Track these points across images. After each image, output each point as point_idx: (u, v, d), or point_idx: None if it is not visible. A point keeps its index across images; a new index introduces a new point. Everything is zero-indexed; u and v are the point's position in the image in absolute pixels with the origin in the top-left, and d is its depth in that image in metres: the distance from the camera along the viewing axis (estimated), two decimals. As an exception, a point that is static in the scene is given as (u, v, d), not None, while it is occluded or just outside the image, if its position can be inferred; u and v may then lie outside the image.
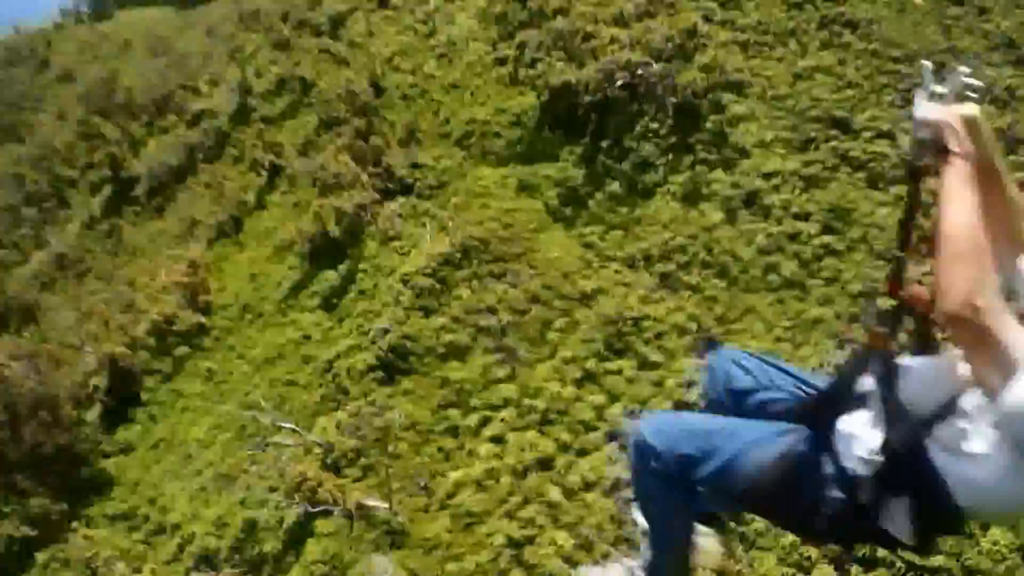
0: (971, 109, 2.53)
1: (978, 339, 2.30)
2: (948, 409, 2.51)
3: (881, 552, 4.33)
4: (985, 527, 3.49)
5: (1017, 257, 2.59)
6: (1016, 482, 2.37)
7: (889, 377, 2.69)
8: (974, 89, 2.52)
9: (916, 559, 3.51)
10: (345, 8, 15.55)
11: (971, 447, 2.45)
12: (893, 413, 2.63)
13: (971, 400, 2.42)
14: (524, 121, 10.05)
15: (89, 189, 16.91)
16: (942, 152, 2.48)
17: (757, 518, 3.83)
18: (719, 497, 3.19)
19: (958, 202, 2.39)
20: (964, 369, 2.45)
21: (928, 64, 2.63)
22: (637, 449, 3.09)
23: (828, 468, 2.72)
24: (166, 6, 31.53)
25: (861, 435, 2.69)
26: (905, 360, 2.73)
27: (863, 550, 4.00)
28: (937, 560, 4.36)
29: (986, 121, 2.59)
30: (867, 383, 2.74)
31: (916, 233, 2.65)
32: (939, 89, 2.55)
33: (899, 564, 4.34)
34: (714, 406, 3.23)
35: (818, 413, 2.83)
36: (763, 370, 3.17)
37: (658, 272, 7.61)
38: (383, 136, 10.93)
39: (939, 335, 2.70)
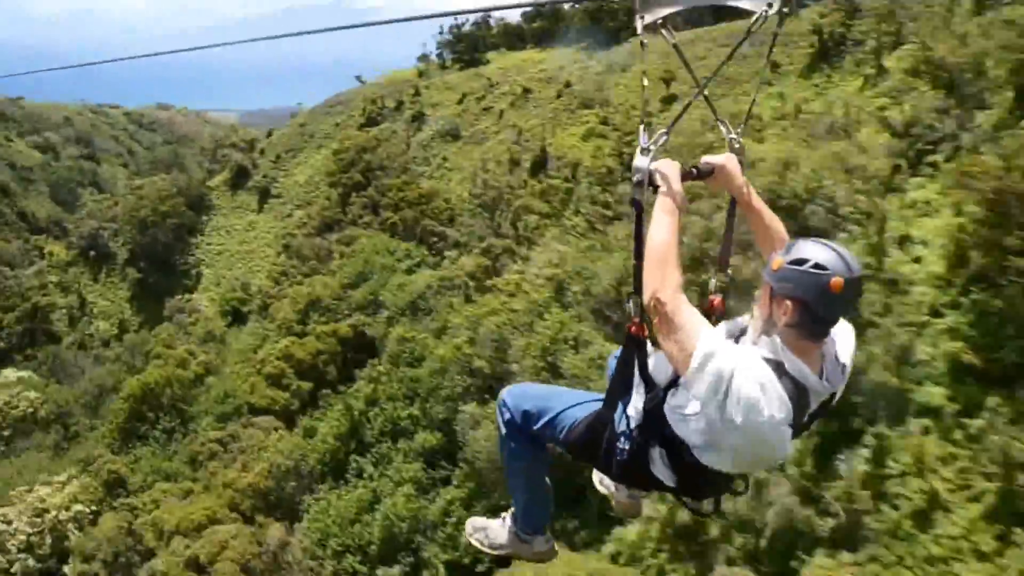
0: (666, 162, 3.78)
1: (664, 325, 3.49)
2: (675, 382, 3.77)
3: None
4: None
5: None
6: (723, 436, 3.49)
7: (643, 357, 3.94)
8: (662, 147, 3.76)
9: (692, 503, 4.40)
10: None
11: (686, 410, 3.68)
12: (645, 383, 3.93)
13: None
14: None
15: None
16: (653, 189, 3.73)
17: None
18: (551, 442, 4.51)
19: (656, 225, 3.64)
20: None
21: (640, 128, 3.66)
22: (499, 405, 4.65)
23: (619, 425, 4.02)
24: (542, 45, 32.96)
25: (633, 400, 3.99)
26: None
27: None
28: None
29: (738, 167, 4.15)
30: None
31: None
32: (648, 146, 3.72)
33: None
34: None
35: (613, 389, 4.10)
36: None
37: None
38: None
39: None
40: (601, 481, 5.17)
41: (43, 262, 68.14)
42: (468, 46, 74.43)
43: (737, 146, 4.28)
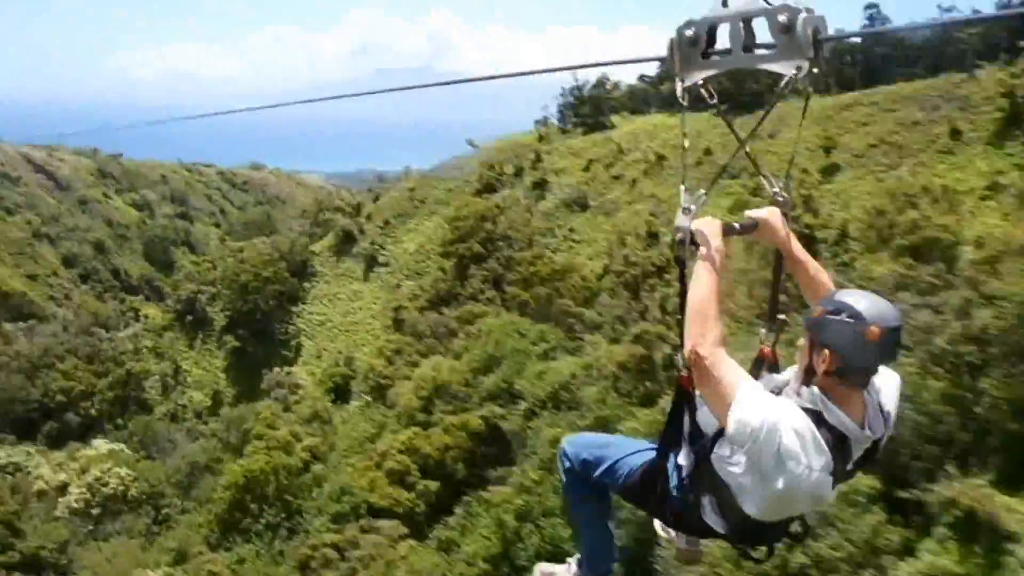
0: (707, 220, 3.93)
1: (703, 378, 3.69)
2: (721, 432, 3.76)
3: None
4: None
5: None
6: (763, 485, 3.58)
7: (693, 408, 4.07)
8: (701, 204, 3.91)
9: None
10: None
11: (730, 460, 3.72)
12: (694, 434, 4.08)
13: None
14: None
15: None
16: (694, 247, 3.87)
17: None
18: (610, 488, 4.71)
19: (696, 282, 3.80)
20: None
21: (682, 187, 3.88)
22: (560, 454, 4.95)
23: (672, 474, 4.20)
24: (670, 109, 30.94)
25: (684, 450, 4.13)
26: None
27: None
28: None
29: (782, 219, 4.29)
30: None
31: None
32: (689, 205, 3.90)
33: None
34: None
35: (665, 438, 4.24)
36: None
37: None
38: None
39: None
40: (664, 527, 4.95)
41: (138, 325, 64.73)
42: (592, 109, 70.33)
43: (781, 200, 4.35)
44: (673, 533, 4.89)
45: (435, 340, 49.84)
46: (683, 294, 3.87)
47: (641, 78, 76.47)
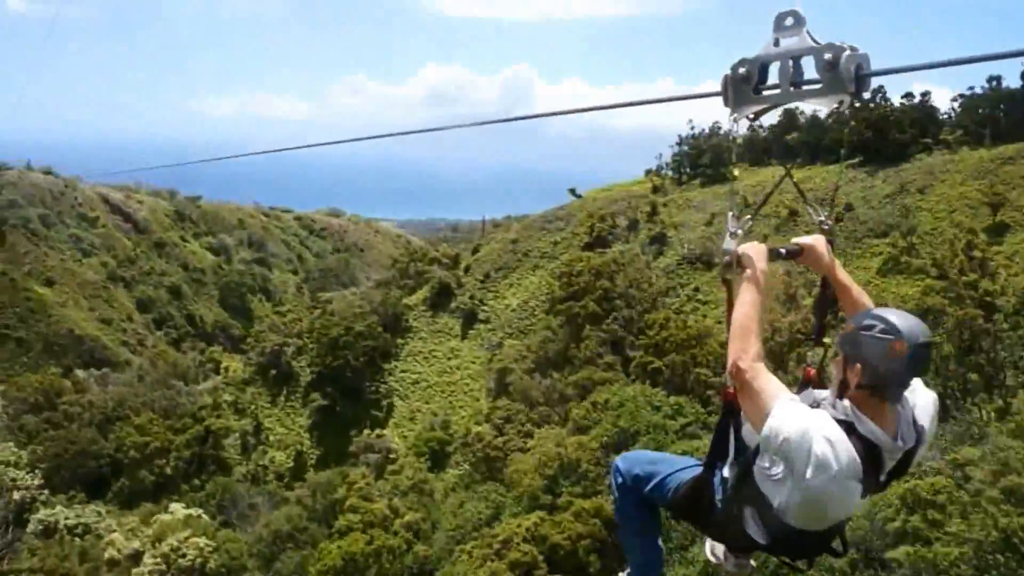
0: (753, 244, 4.17)
1: (744, 390, 3.89)
2: (762, 447, 3.89)
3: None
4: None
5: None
6: (796, 492, 3.75)
7: (738, 423, 4.24)
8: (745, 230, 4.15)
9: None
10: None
11: (769, 470, 3.89)
12: (738, 447, 4.25)
13: None
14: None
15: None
16: (739, 268, 4.10)
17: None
18: (659, 502, 4.94)
19: (740, 302, 4.01)
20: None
21: (729, 214, 4.13)
22: (613, 470, 5.22)
23: (717, 487, 4.37)
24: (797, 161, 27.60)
25: (728, 463, 4.31)
26: None
27: None
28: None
29: (827, 246, 4.48)
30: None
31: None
32: (735, 230, 4.13)
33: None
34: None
35: (711, 453, 4.42)
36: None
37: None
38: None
39: None
40: (712, 551, 5.26)
41: (218, 378, 60.49)
42: (712, 159, 65.39)
43: (826, 228, 4.60)
44: (721, 556, 5.13)
45: (548, 408, 44.81)
46: (729, 313, 4.10)
47: (760, 127, 71.46)
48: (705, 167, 65.79)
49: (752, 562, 5.04)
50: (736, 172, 4.66)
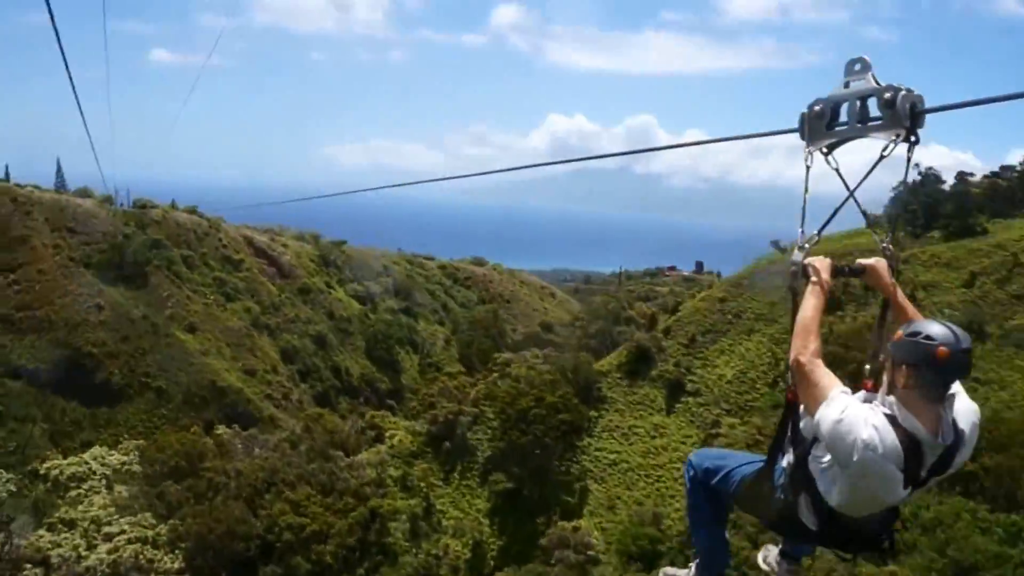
0: (819, 258, 4.91)
1: (802, 382, 4.50)
2: (818, 437, 4.49)
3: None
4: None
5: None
6: (842, 475, 4.38)
7: (796, 418, 4.77)
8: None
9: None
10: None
11: (822, 459, 4.52)
12: (796, 440, 4.79)
13: None
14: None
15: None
16: (805, 278, 4.81)
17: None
18: (726, 494, 5.58)
19: (804, 306, 4.68)
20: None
21: (800, 229, 4.85)
22: (686, 465, 5.95)
23: (777, 478, 4.96)
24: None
25: (787, 456, 4.90)
26: None
27: None
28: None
29: (888, 269, 5.08)
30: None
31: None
32: (803, 244, 4.83)
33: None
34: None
35: (772, 447, 5.05)
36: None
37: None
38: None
39: None
40: (765, 559, 6.05)
41: (382, 447, 52.37)
42: (956, 209, 55.14)
43: (889, 252, 5.15)
44: (774, 563, 5.99)
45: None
46: (793, 319, 4.71)
47: (1004, 172, 61.25)
48: (950, 218, 55.54)
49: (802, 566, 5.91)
50: (807, 195, 4.85)
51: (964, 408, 4.52)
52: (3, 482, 55.66)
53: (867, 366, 4.98)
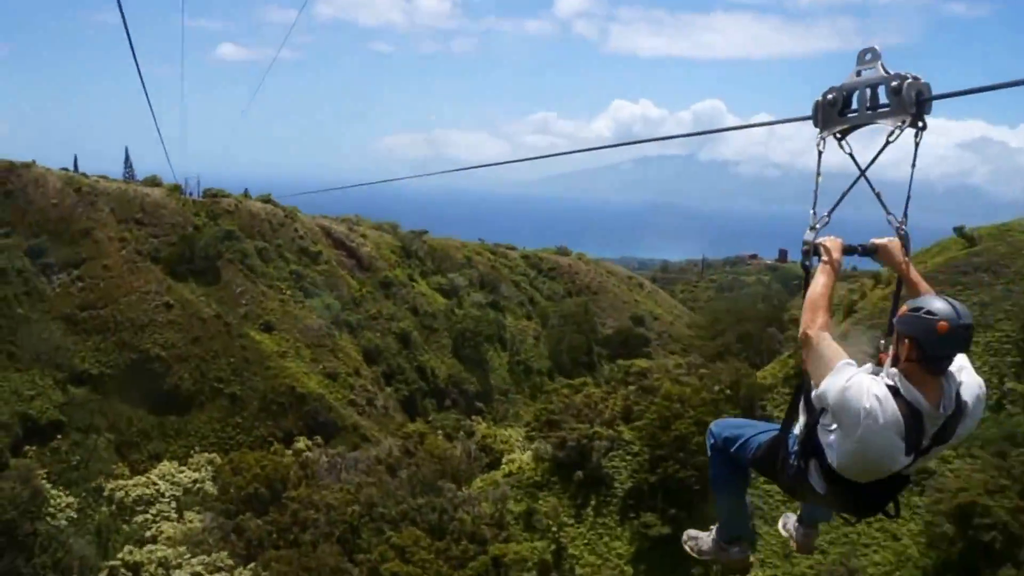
0: (831, 238, 5.06)
1: (809, 354, 4.71)
2: (825, 407, 4.68)
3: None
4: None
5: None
6: (845, 441, 4.55)
7: (809, 389, 4.85)
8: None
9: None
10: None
11: (830, 426, 4.68)
12: (808, 409, 4.92)
13: None
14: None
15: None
16: (816, 257, 4.98)
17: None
18: (744, 461, 5.75)
19: (814, 282, 4.88)
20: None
21: (811, 211, 4.94)
22: (708, 434, 6.08)
23: (791, 444, 5.14)
24: None
25: (799, 423, 5.08)
26: None
27: None
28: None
29: (901, 248, 5.16)
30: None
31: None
32: (815, 224, 4.98)
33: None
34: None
35: (787, 415, 5.24)
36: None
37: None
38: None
39: None
40: (784, 525, 6.51)
41: (497, 473, 44.16)
42: None
43: (903, 233, 5.18)
44: (792, 529, 6.42)
45: None
46: (805, 293, 4.92)
47: None
48: None
49: (817, 531, 6.27)
50: (820, 178, 4.92)
51: (969, 382, 4.71)
52: (63, 508, 49.09)
53: (882, 341, 5.07)
